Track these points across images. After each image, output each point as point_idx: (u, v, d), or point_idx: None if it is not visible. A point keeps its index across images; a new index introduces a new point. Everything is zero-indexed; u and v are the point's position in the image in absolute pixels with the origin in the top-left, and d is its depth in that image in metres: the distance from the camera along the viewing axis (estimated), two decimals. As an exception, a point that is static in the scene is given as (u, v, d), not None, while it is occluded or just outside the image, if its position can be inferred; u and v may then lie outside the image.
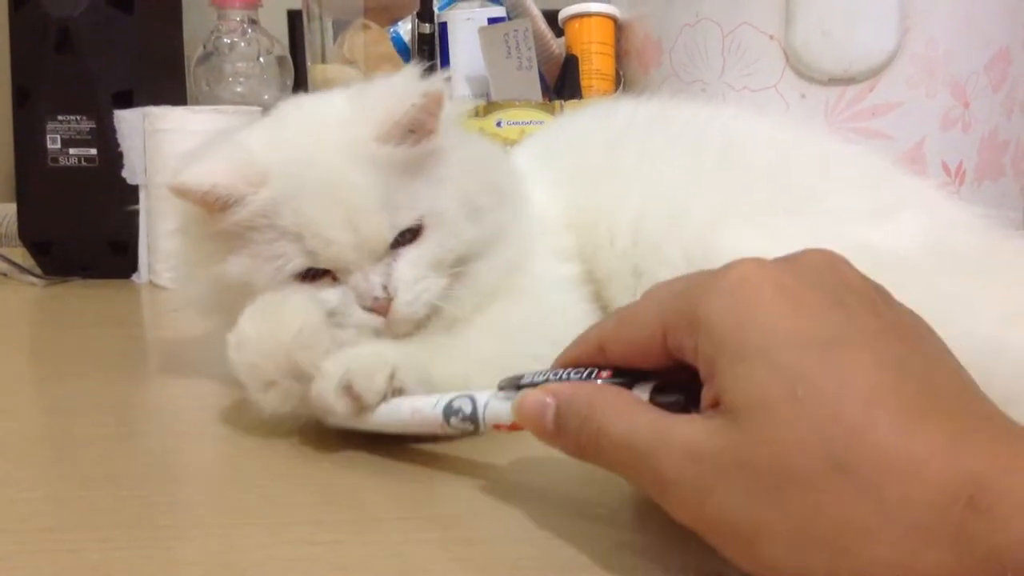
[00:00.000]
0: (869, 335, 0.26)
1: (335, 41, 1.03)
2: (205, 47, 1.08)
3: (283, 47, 1.13)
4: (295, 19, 1.25)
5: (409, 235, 0.45)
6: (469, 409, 0.36)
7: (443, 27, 0.94)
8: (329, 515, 0.35)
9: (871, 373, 0.25)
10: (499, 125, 0.82)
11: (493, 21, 0.91)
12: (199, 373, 0.55)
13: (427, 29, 0.94)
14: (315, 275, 0.44)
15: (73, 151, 0.92)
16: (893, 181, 0.54)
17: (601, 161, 0.57)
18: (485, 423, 0.36)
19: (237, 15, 1.07)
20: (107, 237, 0.92)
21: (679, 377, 0.30)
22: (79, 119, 0.92)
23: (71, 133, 0.92)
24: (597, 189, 0.55)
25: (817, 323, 0.26)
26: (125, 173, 0.90)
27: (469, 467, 0.40)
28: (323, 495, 0.37)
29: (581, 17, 0.91)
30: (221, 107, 0.93)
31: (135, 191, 0.91)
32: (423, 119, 0.45)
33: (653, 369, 0.31)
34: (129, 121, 0.90)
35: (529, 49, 0.85)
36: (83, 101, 0.91)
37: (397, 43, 0.99)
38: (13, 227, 0.99)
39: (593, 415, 0.30)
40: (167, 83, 1.01)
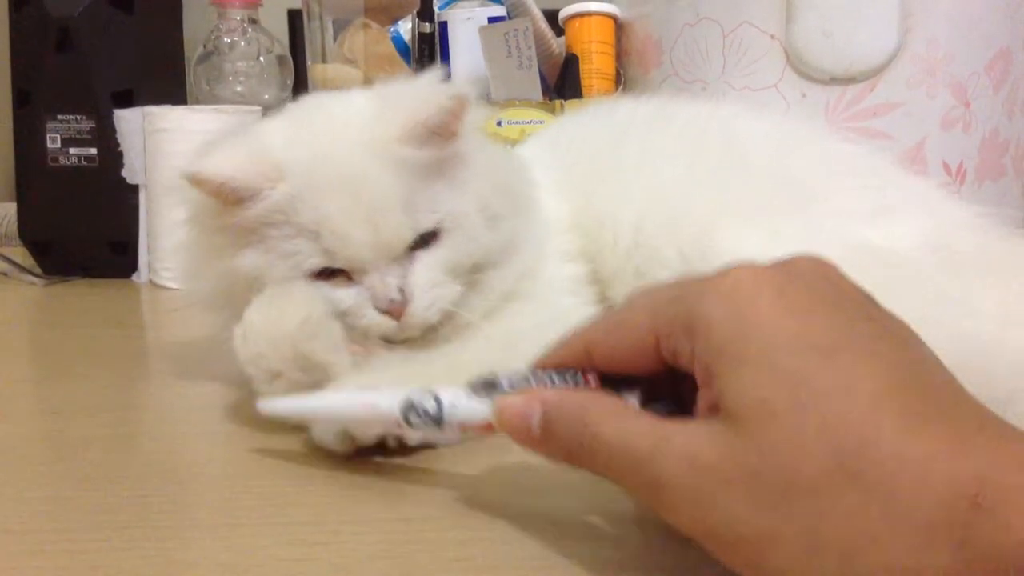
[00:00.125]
0: (868, 339, 0.26)
1: (335, 40, 1.02)
2: (205, 47, 1.08)
3: (283, 47, 1.13)
4: (295, 19, 1.25)
5: (427, 239, 0.45)
6: (433, 408, 0.33)
7: (443, 26, 0.95)
8: (329, 515, 0.35)
9: (874, 377, 0.25)
10: (499, 125, 0.82)
11: (493, 20, 0.91)
12: (199, 373, 0.55)
13: (427, 28, 0.94)
14: (330, 274, 0.44)
15: (73, 151, 0.92)
16: (894, 181, 0.54)
17: (603, 161, 0.57)
18: (452, 424, 0.33)
19: (237, 14, 1.06)
20: (107, 237, 0.92)
21: (662, 385, 0.30)
22: (79, 119, 0.91)
23: (71, 133, 0.92)
24: (599, 190, 0.55)
25: (817, 327, 0.26)
26: (125, 173, 0.90)
27: (469, 467, 0.39)
28: (323, 495, 0.37)
29: (581, 16, 0.91)
30: (221, 107, 0.93)
31: (135, 190, 0.91)
32: (448, 122, 0.44)
33: (639, 375, 0.31)
34: (129, 121, 0.89)
35: (529, 48, 0.85)
36: (83, 101, 0.91)
37: (397, 43, 0.99)
38: (13, 227, 0.99)
39: (587, 420, 0.29)
40: (167, 83, 1.01)
